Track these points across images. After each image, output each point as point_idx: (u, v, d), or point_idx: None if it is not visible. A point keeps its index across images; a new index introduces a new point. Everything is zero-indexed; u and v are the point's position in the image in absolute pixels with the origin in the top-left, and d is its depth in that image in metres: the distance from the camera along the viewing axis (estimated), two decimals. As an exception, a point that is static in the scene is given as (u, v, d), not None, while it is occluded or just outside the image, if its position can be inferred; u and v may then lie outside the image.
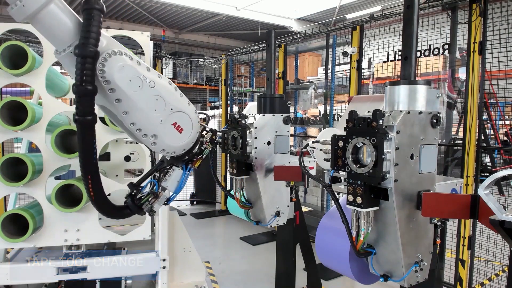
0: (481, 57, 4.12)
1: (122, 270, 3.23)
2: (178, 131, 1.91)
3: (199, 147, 2.18)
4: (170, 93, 1.86)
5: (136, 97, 1.71)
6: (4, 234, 2.94)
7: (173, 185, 2.10)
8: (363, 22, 5.51)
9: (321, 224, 2.31)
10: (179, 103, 1.91)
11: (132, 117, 1.73)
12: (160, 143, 1.88)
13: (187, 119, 1.95)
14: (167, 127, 1.86)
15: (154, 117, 1.79)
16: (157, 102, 1.78)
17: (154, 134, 1.83)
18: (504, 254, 4.56)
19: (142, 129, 1.79)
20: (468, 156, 4.20)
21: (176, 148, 1.96)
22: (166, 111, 1.82)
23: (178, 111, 1.89)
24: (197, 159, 2.18)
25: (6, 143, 6.21)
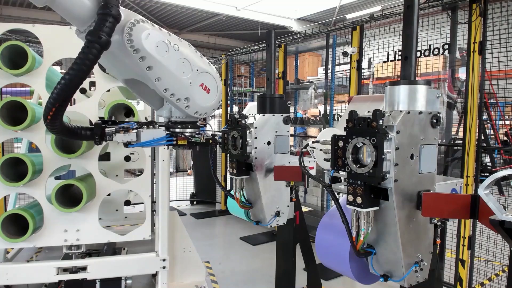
0: (481, 57, 4.12)
1: (122, 270, 3.23)
2: (206, 92, 1.99)
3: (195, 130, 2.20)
4: (193, 55, 1.92)
5: (165, 61, 1.75)
6: (4, 234, 2.94)
7: (147, 136, 2.05)
8: (363, 22, 5.51)
9: (321, 224, 2.31)
10: (202, 64, 1.96)
11: (164, 82, 1.79)
12: (193, 105, 1.96)
13: (211, 78, 2.01)
14: (197, 88, 1.94)
15: (183, 79, 1.86)
16: (183, 64, 1.85)
17: (186, 97, 1.91)
18: (504, 254, 4.56)
19: (175, 94, 1.87)
20: (468, 156, 4.20)
21: (207, 108, 2.05)
22: (193, 72, 1.89)
23: (203, 71, 1.96)
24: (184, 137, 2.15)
25: (6, 143, 6.21)
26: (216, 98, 2.08)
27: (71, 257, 3.26)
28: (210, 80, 1.99)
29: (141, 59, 1.67)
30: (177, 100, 1.88)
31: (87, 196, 2.99)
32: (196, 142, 2.20)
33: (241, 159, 2.83)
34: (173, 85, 1.82)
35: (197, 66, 1.92)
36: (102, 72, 3.24)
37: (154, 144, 2.10)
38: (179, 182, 9.76)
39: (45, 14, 13.75)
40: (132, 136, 2.01)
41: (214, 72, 2.05)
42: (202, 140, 2.24)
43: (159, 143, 2.09)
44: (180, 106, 1.91)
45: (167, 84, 1.80)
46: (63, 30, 3.18)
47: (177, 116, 2.13)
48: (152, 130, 2.08)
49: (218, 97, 2.09)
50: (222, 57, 8.77)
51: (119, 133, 1.98)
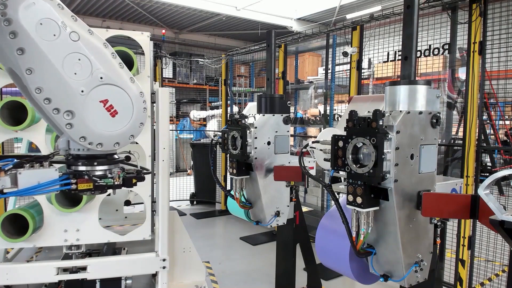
0: (481, 57, 4.12)
1: (122, 270, 3.23)
2: (110, 113, 1.42)
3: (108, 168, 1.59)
4: (103, 57, 1.40)
5: (48, 48, 1.26)
6: (4, 234, 2.94)
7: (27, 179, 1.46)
8: (363, 22, 5.51)
9: (321, 224, 2.31)
10: (116, 74, 1.43)
11: (38, 77, 1.26)
12: (79, 126, 1.37)
13: (126, 100, 1.46)
14: (92, 103, 1.37)
15: (71, 82, 1.31)
16: (79, 62, 1.33)
17: (69, 110, 1.34)
18: (504, 254, 4.56)
19: (52, 100, 1.30)
20: (468, 156, 4.20)
21: (103, 137, 1.44)
22: (92, 78, 1.36)
23: (112, 84, 1.41)
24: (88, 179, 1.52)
25: (6, 143, 6.21)
26: (127, 128, 1.48)
27: (71, 257, 3.25)
28: (122, 101, 1.44)
29: (12, 35, 1.21)
30: (54, 111, 1.32)
31: (87, 196, 2.98)
32: (108, 185, 1.57)
33: (241, 159, 2.83)
34: (50, 86, 1.29)
35: (103, 73, 1.38)
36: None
37: (41, 191, 1.49)
38: (179, 182, 9.76)
39: (45, 14, 13.75)
40: (3, 182, 1.41)
41: (136, 92, 1.49)
42: (117, 181, 1.60)
43: (49, 189, 1.48)
44: (59, 121, 1.34)
45: (42, 81, 1.27)
46: (63, 30, 3.18)
47: (76, 148, 1.51)
48: (35, 171, 1.47)
49: (130, 128, 1.50)
50: (222, 57, 8.77)
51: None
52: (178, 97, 15.72)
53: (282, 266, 3.49)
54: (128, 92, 1.46)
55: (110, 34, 3.24)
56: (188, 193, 9.44)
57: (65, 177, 1.50)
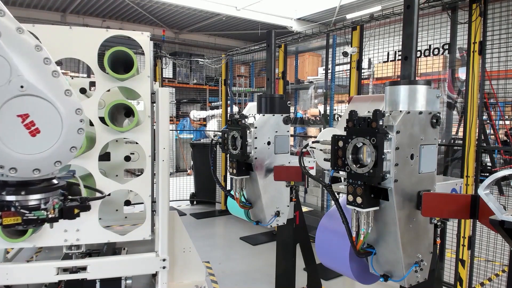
0: (481, 57, 4.12)
1: (122, 270, 3.23)
2: (29, 132, 1.15)
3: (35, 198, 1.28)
4: (30, 61, 1.13)
5: None
6: (4, 234, 2.94)
7: None
8: (363, 22, 5.51)
9: (321, 224, 2.31)
10: (44, 83, 1.16)
11: None
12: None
13: (54, 116, 1.18)
14: (6, 117, 1.12)
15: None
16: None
17: None
18: (504, 254, 4.56)
19: None
20: (468, 156, 4.19)
21: (18, 161, 1.16)
22: (8, 86, 1.10)
23: (38, 96, 1.15)
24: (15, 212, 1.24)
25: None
26: (51, 151, 1.19)
27: (71, 257, 3.25)
28: (47, 117, 1.16)
29: None
30: None
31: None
32: (40, 218, 1.28)
33: (241, 159, 2.83)
34: None
35: (25, 81, 1.11)
36: (102, 72, 3.23)
37: None
38: (179, 182, 9.76)
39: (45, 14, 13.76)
40: None
41: (68, 108, 1.21)
42: (52, 213, 1.31)
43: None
44: None
45: None
46: (63, 30, 3.18)
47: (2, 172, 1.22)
48: None
49: (56, 151, 1.20)
50: (222, 57, 8.78)
51: None
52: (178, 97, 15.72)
53: (282, 266, 3.49)
54: (57, 107, 1.16)
55: (110, 34, 3.24)
56: (188, 193, 9.44)
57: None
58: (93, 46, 3.18)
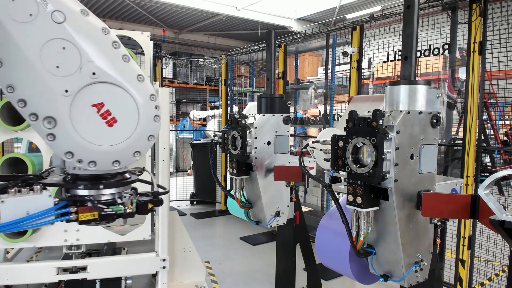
0: (481, 57, 4.12)
1: (122, 270, 3.23)
2: (106, 122, 1.09)
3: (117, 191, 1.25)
4: (99, 46, 1.06)
5: (20, 32, 0.95)
6: (4, 234, 2.94)
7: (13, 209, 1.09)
8: (363, 22, 5.51)
9: (321, 224, 2.31)
10: (116, 69, 1.10)
11: (8, 72, 0.97)
12: (64, 138, 1.06)
13: (130, 104, 1.12)
14: (81, 108, 1.05)
15: (51, 80, 1.00)
16: (63, 52, 1.00)
17: (50, 117, 1.03)
18: (504, 254, 4.56)
19: (27, 102, 1.00)
20: (468, 156, 4.20)
21: (97, 154, 1.11)
22: (80, 74, 1.03)
23: (111, 83, 1.08)
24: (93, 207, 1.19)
25: (6, 143, 6.21)
26: (130, 141, 1.14)
27: (71, 257, 3.26)
28: (124, 105, 1.11)
29: None
30: (31, 117, 1.03)
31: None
32: (118, 213, 1.24)
33: (241, 159, 2.83)
34: (26, 84, 0.98)
35: (97, 67, 1.04)
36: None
37: (31, 225, 1.13)
38: (179, 182, 9.76)
39: (45, 14, 13.75)
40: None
41: (146, 95, 1.14)
42: (130, 208, 1.26)
43: (42, 221, 1.13)
44: (38, 130, 1.07)
45: (14, 77, 0.97)
46: (63, 30, 3.18)
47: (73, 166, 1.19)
48: (23, 199, 1.10)
49: (135, 141, 1.15)
50: (222, 57, 8.78)
51: None
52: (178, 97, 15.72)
53: (282, 266, 3.49)
54: (132, 94, 1.10)
55: (110, 34, 3.24)
56: (188, 193, 9.44)
57: (62, 204, 1.16)
58: (93, 46, 3.18)
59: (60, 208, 1.15)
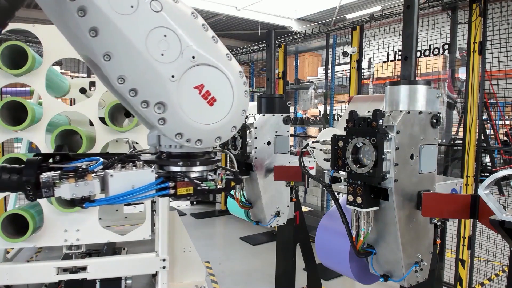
0: (481, 57, 4.12)
1: (122, 270, 3.23)
2: (207, 102, 1.16)
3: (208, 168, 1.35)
4: (193, 30, 1.12)
5: (126, 24, 1.00)
6: (4, 234, 2.94)
7: (121, 183, 1.19)
8: (363, 22, 5.51)
9: (321, 224, 2.31)
10: (210, 51, 1.16)
11: (119, 64, 1.02)
12: (174, 120, 1.12)
13: (225, 82, 1.20)
14: (186, 91, 1.12)
15: (159, 67, 1.06)
16: (165, 40, 1.06)
17: (160, 102, 1.09)
18: (504, 254, 4.56)
19: (138, 91, 1.06)
20: (468, 156, 4.19)
21: (203, 132, 1.19)
22: (182, 59, 1.09)
23: (207, 65, 1.15)
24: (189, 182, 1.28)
25: (6, 143, 6.21)
26: (228, 117, 1.22)
27: (71, 257, 3.26)
28: (220, 84, 1.18)
29: (81, 12, 0.96)
30: (143, 104, 1.08)
31: (87, 196, 2.98)
32: (210, 189, 1.33)
33: (241, 159, 2.83)
34: (136, 73, 1.04)
35: (195, 51, 1.11)
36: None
37: (135, 198, 1.21)
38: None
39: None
40: (91, 187, 1.14)
41: (236, 72, 1.23)
42: (220, 185, 1.36)
43: (144, 195, 1.22)
44: (149, 116, 1.11)
45: (124, 69, 1.03)
46: (63, 30, 3.18)
47: (168, 144, 1.29)
48: (130, 173, 1.19)
49: (231, 119, 1.24)
50: (222, 57, 8.77)
51: (67, 182, 1.11)
52: (178, 97, 15.74)
53: (282, 266, 3.49)
54: (225, 72, 1.17)
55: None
56: (188, 193, 9.44)
57: (161, 179, 1.24)
58: (93, 46, 3.18)
59: (160, 183, 1.24)
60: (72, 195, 1.12)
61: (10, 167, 1.14)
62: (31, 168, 1.10)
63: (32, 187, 1.10)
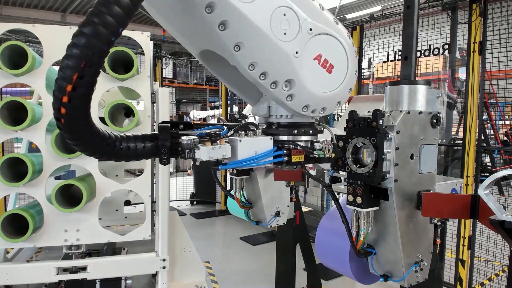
0: (481, 57, 4.13)
1: (122, 270, 3.23)
2: (326, 70, 1.21)
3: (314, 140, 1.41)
4: (305, 2, 1.15)
5: (251, 12, 1.03)
6: (4, 234, 2.94)
7: (247, 148, 1.29)
8: (363, 22, 5.52)
9: (321, 224, 2.31)
10: (322, 19, 1.19)
11: (249, 51, 1.06)
12: (301, 95, 1.17)
13: (338, 47, 1.23)
14: (307, 63, 1.16)
15: (284, 46, 1.10)
16: (285, 19, 1.09)
17: (288, 80, 1.14)
18: (504, 254, 4.56)
19: (268, 73, 1.11)
20: (468, 156, 4.20)
21: (326, 100, 1.25)
22: (302, 34, 1.13)
23: (322, 33, 1.17)
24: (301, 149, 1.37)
25: (6, 143, 6.22)
26: (345, 83, 1.28)
27: (71, 257, 3.26)
28: (334, 50, 1.21)
29: (209, 8, 1.01)
30: (272, 85, 1.14)
31: (87, 196, 2.98)
32: (319, 157, 1.43)
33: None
34: (265, 57, 1.09)
35: (310, 23, 1.13)
36: (102, 72, 3.24)
37: (257, 163, 1.33)
38: (179, 182, 9.76)
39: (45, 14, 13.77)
40: (224, 150, 1.25)
41: (345, 35, 1.24)
42: (327, 154, 1.46)
43: (264, 160, 1.33)
44: (278, 95, 1.17)
45: (254, 54, 1.07)
46: (63, 30, 3.18)
47: (279, 114, 1.36)
48: (254, 140, 1.30)
49: (348, 82, 1.29)
50: (222, 57, 8.77)
51: (204, 145, 1.22)
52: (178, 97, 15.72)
53: (282, 266, 3.49)
54: (337, 37, 1.20)
55: (110, 34, 3.24)
56: (188, 193, 9.44)
57: (275, 147, 1.34)
58: (93, 46, 3.18)
59: (275, 151, 1.34)
60: (209, 157, 1.23)
61: (140, 136, 1.20)
62: (166, 133, 1.16)
63: (167, 151, 1.16)
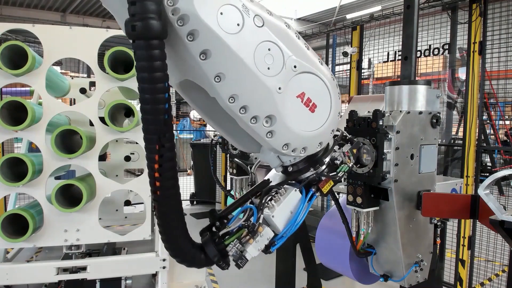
0: (481, 57, 4.12)
1: (122, 270, 3.23)
2: (309, 109, 1.18)
3: (331, 158, 1.42)
4: (290, 40, 1.13)
5: (235, 43, 1.01)
6: (4, 234, 2.94)
7: (282, 216, 1.27)
8: (363, 22, 5.52)
9: (321, 224, 2.30)
10: (306, 58, 1.17)
11: (229, 83, 1.04)
12: (281, 132, 1.14)
13: (322, 87, 1.21)
14: (290, 100, 1.14)
15: (267, 81, 1.08)
16: (269, 54, 1.08)
17: (268, 116, 1.11)
18: (504, 254, 4.56)
19: (248, 107, 1.07)
20: (468, 156, 4.20)
21: (307, 140, 1.21)
22: (286, 70, 1.11)
23: (306, 72, 1.16)
24: (326, 178, 1.35)
25: (6, 143, 6.22)
26: (328, 123, 1.24)
27: (71, 257, 3.26)
28: (318, 89, 1.20)
29: (191, 36, 0.97)
30: (252, 120, 1.10)
31: (87, 196, 2.98)
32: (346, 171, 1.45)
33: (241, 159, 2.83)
34: (246, 90, 1.06)
35: (295, 61, 1.12)
36: (102, 72, 3.24)
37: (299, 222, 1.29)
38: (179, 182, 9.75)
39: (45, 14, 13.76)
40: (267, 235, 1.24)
41: (328, 75, 1.24)
42: (350, 162, 1.47)
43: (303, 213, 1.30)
44: (258, 131, 1.12)
45: (235, 87, 1.05)
46: (63, 30, 3.18)
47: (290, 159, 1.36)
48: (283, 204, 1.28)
49: (330, 123, 1.25)
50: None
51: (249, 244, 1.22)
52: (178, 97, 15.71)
53: (282, 266, 3.49)
54: (321, 77, 1.18)
55: (110, 34, 3.24)
56: (188, 193, 9.44)
57: (303, 190, 1.32)
58: (93, 46, 3.18)
59: (306, 194, 1.32)
60: (258, 250, 1.22)
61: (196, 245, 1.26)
62: (211, 248, 1.22)
63: (218, 259, 1.22)
